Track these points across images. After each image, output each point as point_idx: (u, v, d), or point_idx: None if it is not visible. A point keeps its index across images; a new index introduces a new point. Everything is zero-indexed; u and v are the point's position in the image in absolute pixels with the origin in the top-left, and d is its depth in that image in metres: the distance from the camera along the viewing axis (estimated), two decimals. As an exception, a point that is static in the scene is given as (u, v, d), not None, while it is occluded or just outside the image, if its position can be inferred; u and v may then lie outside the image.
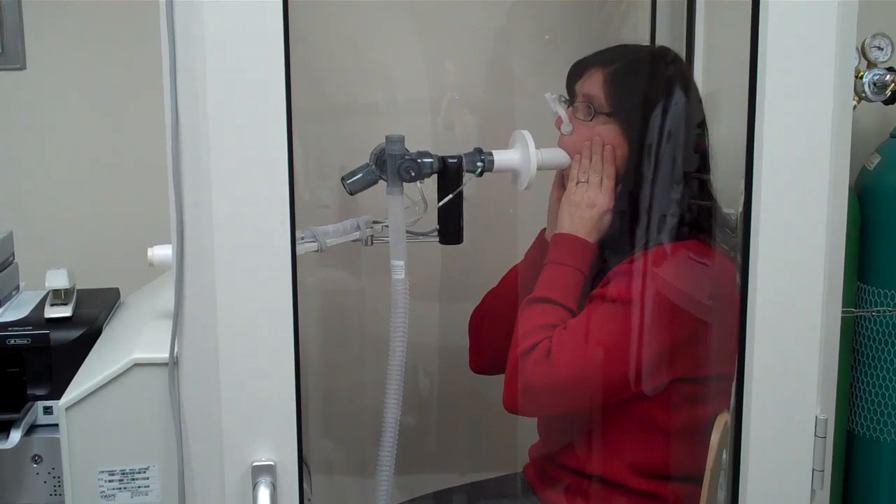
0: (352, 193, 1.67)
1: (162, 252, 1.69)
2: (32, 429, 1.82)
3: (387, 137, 1.64)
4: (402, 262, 1.62)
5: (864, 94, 2.35)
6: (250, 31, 1.25)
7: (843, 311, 1.46)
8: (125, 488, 1.55)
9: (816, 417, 1.38)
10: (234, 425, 1.33)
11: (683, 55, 1.98)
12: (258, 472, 1.32)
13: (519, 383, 1.66)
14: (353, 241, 1.70)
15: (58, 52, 2.50)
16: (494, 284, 1.98)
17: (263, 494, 1.30)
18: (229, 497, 1.34)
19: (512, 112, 2.16)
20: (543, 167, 1.74)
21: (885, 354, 2.34)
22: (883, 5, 2.39)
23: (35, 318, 1.90)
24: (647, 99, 1.75)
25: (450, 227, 1.69)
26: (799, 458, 1.39)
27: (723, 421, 1.56)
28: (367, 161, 1.67)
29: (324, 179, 2.05)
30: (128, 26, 2.45)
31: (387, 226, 1.67)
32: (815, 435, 1.38)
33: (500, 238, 2.12)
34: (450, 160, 1.67)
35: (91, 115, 2.53)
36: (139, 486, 1.55)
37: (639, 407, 1.71)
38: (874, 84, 2.34)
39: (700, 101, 1.80)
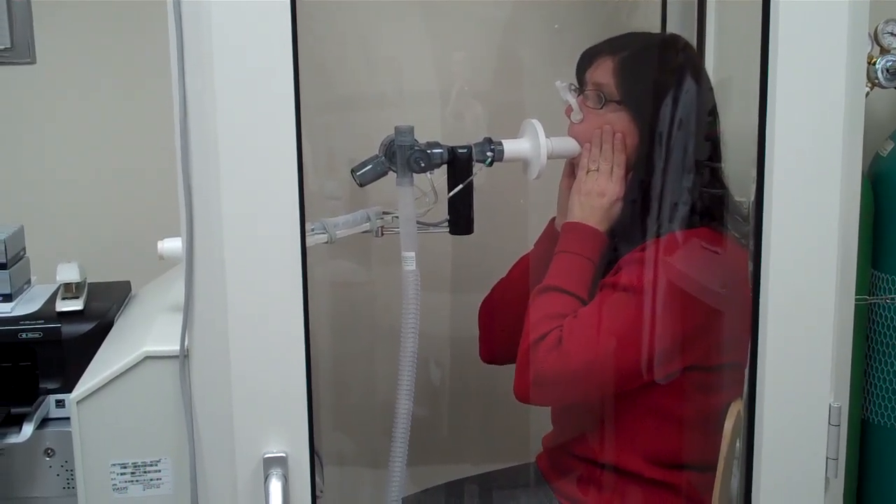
0: (361, 185, 1.67)
1: (172, 245, 1.69)
2: (45, 422, 1.83)
3: (396, 128, 1.63)
4: (412, 253, 1.61)
5: (877, 81, 2.33)
6: (258, 24, 1.25)
7: (856, 299, 1.45)
8: (137, 481, 1.55)
9: (830, 405, 1.38)
10: (246, 417, 1.33)
11: (694, 43, 1.97)
12: (270, 464, 1.33)
13: (530, 373, 1.65)
14: (364, 232, 1.70)
15: (67, 46, 2.50)
16: (505, 274, 1.98)
17: (275, 486, 1.31)
18: (241, 489, 1.34)
19: (522, 101, 2.16)
20: (554, 156, 1.74)
21: (900, 342, 2.34)
22: (895, -9, 2.38)
23: (47, 312, 1.91)
24: (657, 86, 1.74)
25: (460, 217, 1.68)
26: (813, 446, 1.39)
27: (736, 409, 1.56)
28: (377, 152, 1.66)
29: (333, 171, 2.05)
30: (136, 20, 2.45)
31: (397, 217, 1.66)
32: (829, 423, 1.38)
33: (510, 228, 2.12)
34: (459, 150, 1.67)
35: (101, 109, 2.53)
36: (151, 479, 1.55)
37: (651, 396, 1.71)
38: (887, 70, 2.32)
39: (711, 89, 1.79)
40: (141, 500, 1.55)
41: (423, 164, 1.62)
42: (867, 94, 2.27)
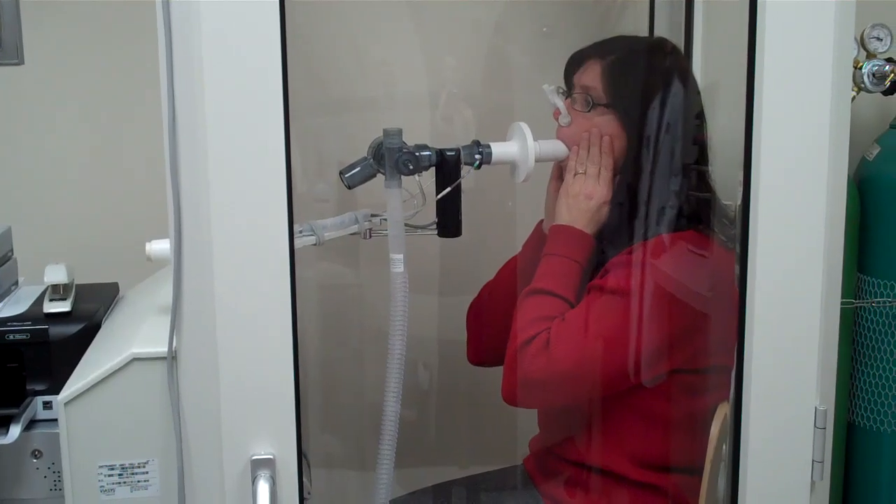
0: (350, 187, 1.67)
1: (160, 246, 1.68)
2: (32, 424, 1.82)
3: (384, 131, 1.64)
4: (401, 256, 1.62)
5: (863, 85, 2.34)
6: (247, 25, 1.25)
7: (842, 303, 1.46)
8: (125, 483, 1.55)
9: (816, 409, 1.39)
10: (234, 419, 1.33)
11: (682, 46, 1.98)
12: (258, 465, 1.33)
13: (518, 375, 1.66)
14: (352, 234, 1.70)
15: (56, 46, 2.49)
16: (493, 277, 1.98)
17: (263, 488, 1.31)
18: (229, 491, 1.34)
19: (510, 105, 2.16)
20: (541, 159, 1.74)
21: (885, 345, 2.34)
22: (882, -5, 2.39)
23: (34, 313, 1.90)
24: (645, 90, 1.74)
25: (448, 219, 1.69)
26: (799, 449, 1.39)
27: (723, 412, 1.56)
28: (365, 155, 1.67)
29: (322, 173, 2.05)
30: (125, 21, 2.44)
31: (385, 219, 1.66)
32: (815, 426, 1.39)
33: (498, 230, 2.12)
34: (448, 153, 1.67)
35: (89, 110, 2.53)
36: (139, 481, 1.55)
37: (638, 398, 1.71)
38: (873, 75, 2.34)
39: (698, 93, 1.80)
40: (128, 501, 1.55)
41: (411, 167, 1.62)
42: (853, 98, 2.28)
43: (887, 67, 2.33)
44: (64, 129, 2.53)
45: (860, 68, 2.34)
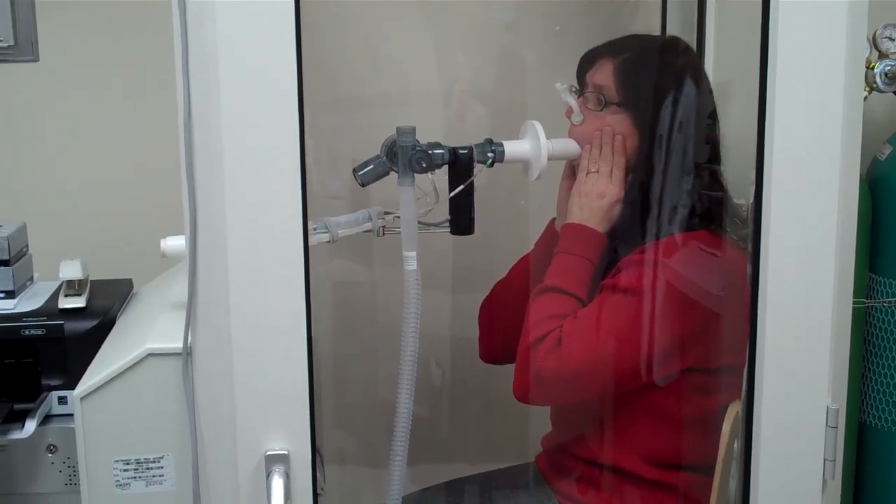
0: (363, 185, 1.68)
1: (175, 243, 1.70)
2: (47, 419, 1.83)
3: (398, 129, 1.64)
4: (413, 253, 1.62)
5: (875, 85, 2.34)
6: (262, 23, 1.26)
7: (854, 302, 1.46)
8: (140, 477, 1.56)
9: (828, 408, 1.39)
10: (248, 415, 1.34)
11: (694, 45, 1.98)
12: (272, 461, 1.33)
13: (529, 373, 1.66)
14: (365, 231, 1.71)
15: (71, 43, 2.51)
16: (505, 274, 1.99)
17: (277, 484, 1.31)
18: (243, 486, 1.35)
19: (523, 103, 2.16)
20: (554, 157, 1.74)
21: (897, 345, 2.34)
22: (894, -5, 2.39)
23: (49, 309, 1.91)
24: (657, 89, 1.74)
25: (461, 217, 1.69)
26: (810, 448, 1.39)
27: (734, 411, 1.56)
28: (379, 152, 1.67)
29: (335, 171, 2.06)
30: (141, 18, 2.46)
31: (398, 216, 1.67)
32: (827, 425, 1.39)
33: (511, 228, 2.12)
34: (461, 151, 1.67)
35: (104, 106, 2.54)
36: (154, 475, 1.56)
37: (650, 397, 1.72)
38: (885, 74, 2.33)
39: (711, 92, 1.80)
40: (143, 496, 1.56)
41: (424, 165, 1.63)
42: (865, 98, 2.28)
43: (899, 67, 2.33)
44: (79, 126, 2.54)
45: (872, 68, 2.34)
